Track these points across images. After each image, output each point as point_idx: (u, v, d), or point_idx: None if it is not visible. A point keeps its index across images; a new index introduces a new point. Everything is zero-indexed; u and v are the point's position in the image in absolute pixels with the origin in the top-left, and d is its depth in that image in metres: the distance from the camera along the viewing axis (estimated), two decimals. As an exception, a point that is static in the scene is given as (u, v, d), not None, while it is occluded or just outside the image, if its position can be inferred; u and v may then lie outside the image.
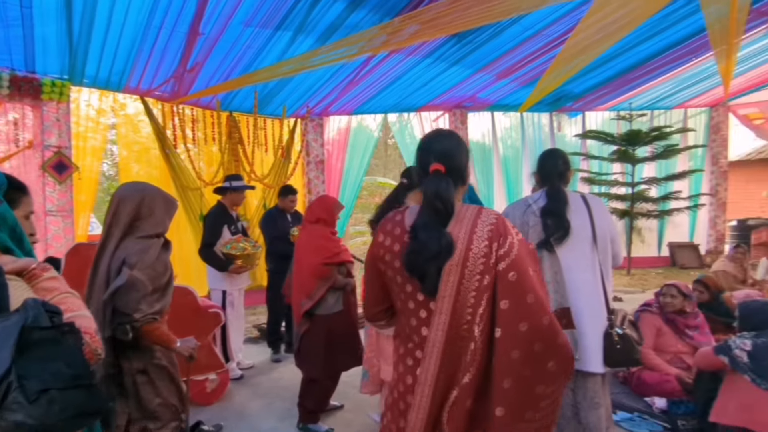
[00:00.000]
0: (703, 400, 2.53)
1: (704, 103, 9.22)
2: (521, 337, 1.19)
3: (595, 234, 2.04)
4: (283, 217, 4.24)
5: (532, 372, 1.20)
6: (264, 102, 6.74)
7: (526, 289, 1.21)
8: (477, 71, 6.96)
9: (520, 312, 1.20)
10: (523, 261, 1.25)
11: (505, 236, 1.26)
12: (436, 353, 1.25)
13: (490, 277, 1.23)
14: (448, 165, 1.34)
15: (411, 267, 1.28)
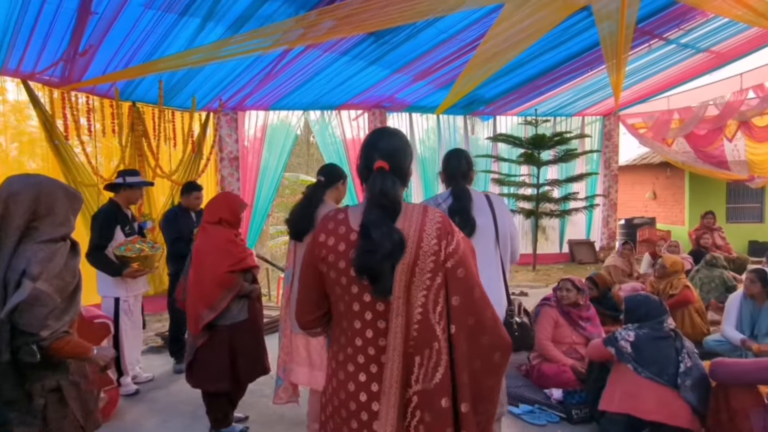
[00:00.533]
0: (594, 389, 2.73)
1: (599, 112, 10.11)
2: (469, 330, 1.22)
3: (498, 231, 2.14)
4: (187, 216, 3.94)
5: (481, 365, 1.22)
6: (171, 93, 6.30)
7: (472, 285, 1.24)
8: (395, 72, 7.05)
9: (468, 307, 1.22)
10: (468, 257, 1.28)
11: (452, 234, 1.27)
12: (397, 357, 1.21)
13: (442, 275, 1.23)
14: (393, 163, 1.33)
15: (363, 267, 1.22)
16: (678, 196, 10.70)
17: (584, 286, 3.44)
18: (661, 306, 2.66)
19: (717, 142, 8.89)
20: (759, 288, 3.67)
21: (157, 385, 3.63)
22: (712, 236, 7.07)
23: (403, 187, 1.38)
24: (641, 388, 2.44)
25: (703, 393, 2.44)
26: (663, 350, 2.50)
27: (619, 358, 2.55)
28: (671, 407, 2.38)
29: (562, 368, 3.16)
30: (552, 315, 3.37)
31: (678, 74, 8.62)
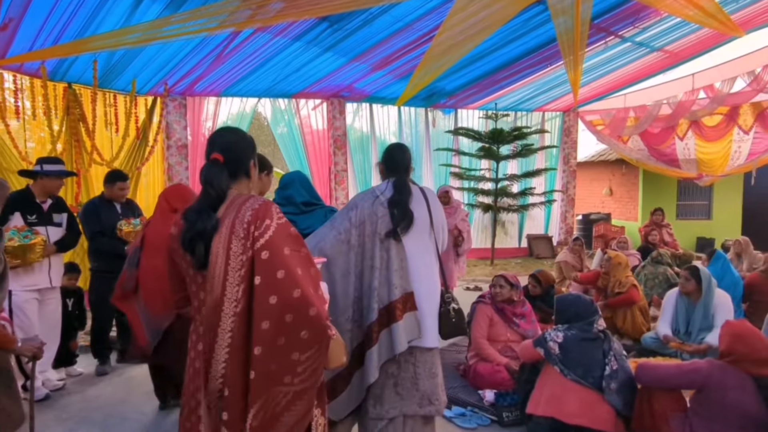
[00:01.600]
0: (524, 391, 2.67)
1: (558, 108, 10.19)
2: (271, 309, 1.31)
3: (432, 223, 2.22)
4: (109, 209, 3.66)
5: (286, 340, 1.32)
6: (111, 75, 5.93)
7: (276, 266, 1.33)
8: (352, 60, 6.86)
9: (269, 286, 1.32)
10: (278, 241, 1.37)
11: (263, 219, 1.38)
12: (212, 328, 1.38)
13: (247, 257, 1.36)
14: (227, 156, 1.48)
15: (184, 245, 1.42)
16: (632, 192, 10.94)
17: (518, 282, 3.38)
18: (592, 306, 2.60)
19: (669, 141, 9.10)
20: (693, 286, 3.71)
21: (73, 389, 3.36)
22: (661, 233, 7.22)
23: (246, 179, 1.55)
24: (566, 391, 2.39)
25: (629, 396, 2.40)
26: (590, 352, 2.45)
27: (547, 359, 2.49)
28: (595, 411, 2.34)
29: (497, 368, 3.10)
30: (487, 312, 3.30)
31: (634, 72, 8.75)
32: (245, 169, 1.54)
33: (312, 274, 1.42)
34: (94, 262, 3.65)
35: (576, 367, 2.41)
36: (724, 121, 8.58)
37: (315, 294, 1.37)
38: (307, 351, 1.34)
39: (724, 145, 8.67)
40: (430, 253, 2.22)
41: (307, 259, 1.42)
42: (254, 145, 1.60)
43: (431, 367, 2.17)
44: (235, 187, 1.50)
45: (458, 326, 2.19)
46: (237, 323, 1.35)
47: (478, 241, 10.03)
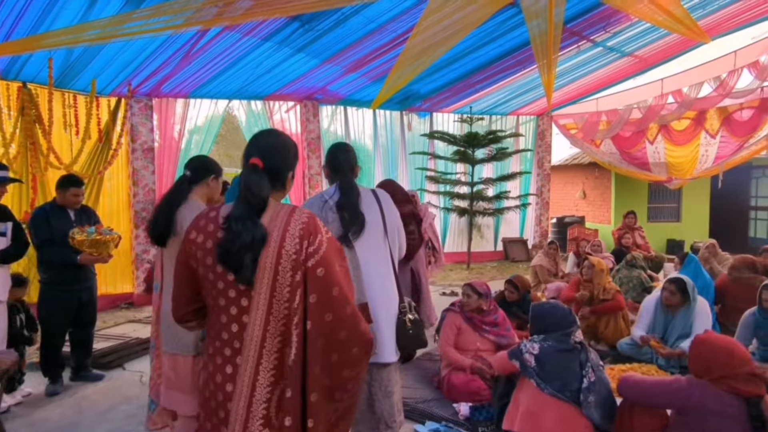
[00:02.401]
0: (500, 405, 2.55)
1: (533, 111, 10.24)
2: (327, 326, 1.28)
3: (386, 227, 2.09)
4: (62, 215, 3.39)
5: (339, 357, 1.30)
6: (70, 74, 5.64)
7: (331, 283, 1.30)
8: (324, 61, 6.71)
9: (326, 304, 1.29)
10: (331, 257, 1.33)
11: (315, 234, 1.32)
12: (254, 348, 1.30)
13: (301, 273, 1.29)
14: (267, 162, 1.38)
15: (225, 257, 1.30)
16: (605, 195, 11.09)
17: (487, 291, 3.27)
18: (570, 316, 2.51)
19: (640, 144, 9.23)
20: (679, 299, 3.66)
21: (18, 413, 3.07)
22: (633, 235, 7.29)
23: (281, 189, 1.44)
24: (543, 406, 2.29)
25: (608, 409, 2.32)
26: (567, 364, 2.36)
27: (522, 372, 2.39)
28: (572, 426, 2.25)
29: (471, 377, 2.99)
30: (455, 321, 3.20)
31: (606, 77, 8.86)
32: (283, 178, 1.43)
33: (352, 288, 1.41)
34: (43, 273, 3.40)
35: (553, 380, 2.31)
36: (692, 126, 8.75)
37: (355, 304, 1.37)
38: (357, 366, 1.33)
39: (692, 149, 8.84)
40: (385, 259, 2.08)
41: (347, 273, 1.40)
42: (296, 153, 1.49)
43: (387, 385, 2.04)
44: (273, 196, 1.39)
45: (416, 338, 2.06)
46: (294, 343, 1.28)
47: (454, 245, 9.99)
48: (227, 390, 1.30)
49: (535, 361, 2.35)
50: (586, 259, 4.38)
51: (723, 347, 1.96)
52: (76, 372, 3.63)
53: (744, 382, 1.87)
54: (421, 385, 3.33)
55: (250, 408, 1.28)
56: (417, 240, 3.63)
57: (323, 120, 8.58)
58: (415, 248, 3.61)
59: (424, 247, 5.00)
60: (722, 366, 1.90)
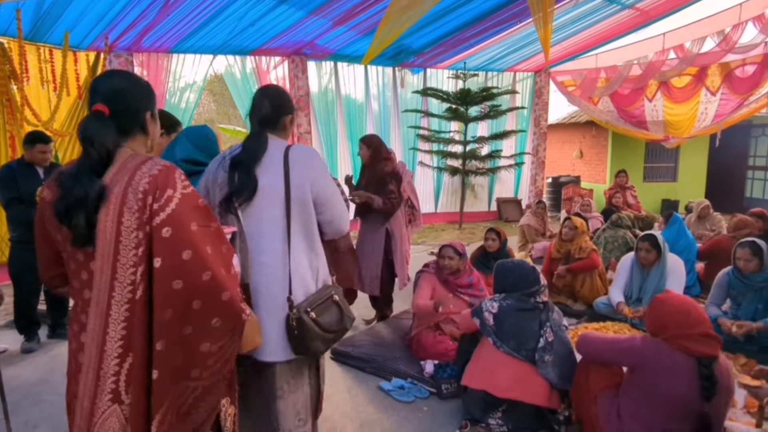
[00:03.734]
0: (462, 362, 2.56)
1: (530, 68, 9.93)
2: (176, 295, 1.14)
3: (289, 195, 1.66)
4: (30, 174, 3.32)
5: (194, 330, 1.17)
6: (42, 27, 5.42)
7: (181, 245, 1.15)
8: (310, 14, 6.44)
9: (174, 270, 1.14)
10: (183, 215, 1.17)
11: (163, 189, 1.17)
12: (100, 316, 1.18)
13: (144, 233, 1.15)
14: (115, 107, 1.23)
15: (60, 217, 1.19)
16: (602, 155, 10.92)
17: (464, 251, 3.23)
18: (533, 275, 2.48)
19: (638, 102, 9.00)
20: (655, 256, 3.64)
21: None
22: (624, 195, 7.21)
23: (140, 133, 1.30)
24: (498, 364, 2.29)
25: (566, 369, 2.32)
26: (525, 323, 2.35)
27: (481, 330, 2.38)
28: (527, 384, 2.26)
29: (439, 338, 3.00)
30: (431, 281, 3.17)
31: (605, 31, 8.52)
32: (139, 122, 1.28)
33: (224, 252, 1.24)
34: (12, 231, 3.38)
35: (509, 339, 2.31)
36: (693, 82, 8.48)
37: (227, 275, 1.22)
38: (220, 340, 1.20)
39: (691, 107, 8.62)
40: (280, 236, 1.66)
41: (217, 235, 1.24)
42: (151, 91, 1.34)
43: (272, 389, 1.70)
44: (127, 145, 1.25)
45: (300, 342, 1.63)
46: (135, 312, 1.15)
47: (447, 205, 9.93)
48: (79, 360, 1.20)
49: (494, 319, 2.34)
50: (568, 219, 4.33)
51: (680, 307, 1.93)
52: (53, 329, 3.68)
53: (697, 343, 1.85)
54: (392, 343, 3.37)
55: (98, 381, 1.16)
56: (396, 199, 3.57)
57: (312, 77, 8.33)
58: (394, 208, 3.55)
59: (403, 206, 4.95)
60: (677, 326, 1.89)
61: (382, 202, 3.48)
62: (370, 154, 3.63)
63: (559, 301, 4.27)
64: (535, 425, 2.30)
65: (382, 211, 3.52)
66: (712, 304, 3.44)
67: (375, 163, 3.62)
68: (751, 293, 3.24)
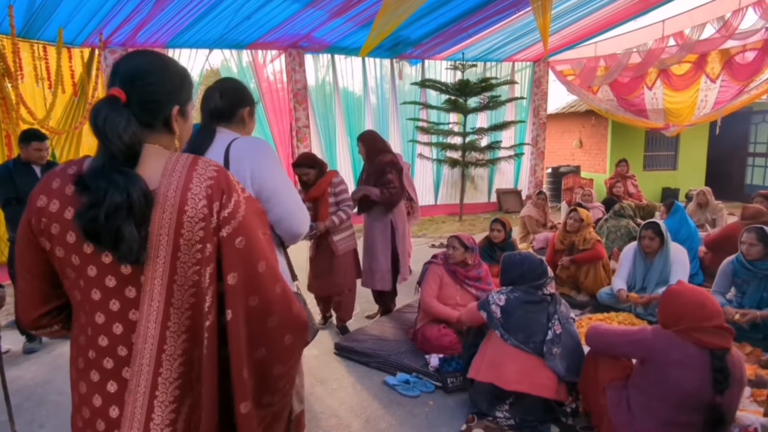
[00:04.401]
0: (468, 355, 2.54)
1: (529, 57, 9.85)
2: (252, 313, 0.98)
3: None
4: (27, 172, 3.27)
5: (267, 352, 1.01)
6: (35, 23, 5.35)
7: (256, 256, 0.99)
8: (306, 6, 6.36)
9: (250, 284, 0.98)
10: (252, 222, 1.01)
11: (229, 192, 0.98)
12: (149, 354, 0.94)
13: (213, 246, 0.96)
14: (134, 93, 0.99)
15: (94, 229, 0.91)
16: (602, 144, 10.87)
17: (474, 245, 3.21)
18: (540, 267, 2.46)
19: (638, 91, 8.94)
20: (658, 243, 3.63)
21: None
22: (625, 184, 7.18)
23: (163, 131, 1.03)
24: (505, 357, 2.28)
25: (574, 361, 2.31)
26: (533, 316, 2.33)
27: (488, 323, 2.37)
28: (535, 377, 2.25)
29: (444, 331, 2.98)
30: (438, 273, 3.15)
31: (604, 19, 8.44)
32: (162, 115, 1.02)
33: (277, 261, 1.08)
34: (11, 231, 3.35)
35: (517, 332, 2.29)
36: (692, 70, 8.43)
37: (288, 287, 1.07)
38: (290, 359, 1.06)
39: (691, 95, 8.57)
40: None
41: (272, 243, 1.09)
42: (185, 81, 1.08)
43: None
44: (151, 141, 1.01)
45: None
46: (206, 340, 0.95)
47: (447, 197, 9.90)
48: (111, 416, 0.95)
49: (501, 312, 2.32)
50: (574, 211, 4.30)
51: (695, 299, 1.91)
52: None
53: (711, 335, 1.83)
54: (396, 337, 3.35)
55: None
56: (396, 189, 3.54)
57: (310, 69, 8.26)
58: (393, 197, 3.52)
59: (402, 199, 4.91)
60: (692, 318, 1.86)
61: (380, 192, 3.47)
62: (366, 150, 3.64)
63: (563, 292, 4.25)
64: (543, 417, 2.29)
65: (382, 202, 3.51)
66: (716, 292, 3.43)
67: (373, 157, 3.60)
68: (756, 281, 3.22)
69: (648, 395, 1.92)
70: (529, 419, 2.28)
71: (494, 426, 2.31)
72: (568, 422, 2.34)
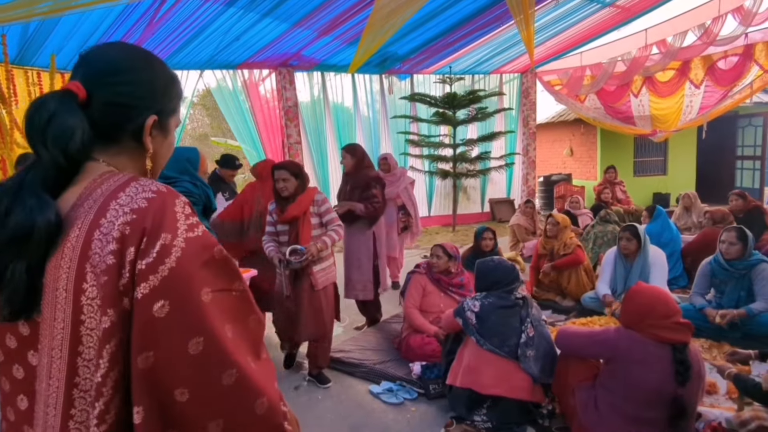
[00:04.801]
0: (447, 362, 2.60)
1: (516, 69, 10.03)
2: (182, 411, 0.68)
3: None
4: None
5: None
6: (29, 51, 5.51)
7: (187, 332, 0.67)
8: (294, 25, 6.53)
9: (175, 373, 0.67)
10: (188, 277, 0.68)
11: (155, 233, 0.68)
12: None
13: (116, 314, 0.66)
14: (101, 93, 0.76)
15: None
16: (591, 152, 11.00)
17: (457, 254, 3.29)
18: (513, 272, 2.53)
19: (624, 98, 9.09)
20: (635, 245, 3.71)
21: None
22: (614, 190, 7.28)
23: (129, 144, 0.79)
24: (482, 362, 2.34)
25: (548, 363, 2.36)
26: (506, 320, 2.39)
27: (464, 329, 2.43)
28: (510, 380, 2.30)
29: (427, 340, 3.05)
30: (421, 282, 3.22)
31: (588, 30, 8.62)
32: (132, 125, 0.79)
33: (251, 328, 0.76)
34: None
35: (491, 337, 2.35)
36: (677, 76, 8.59)
37: (259, 366, 0.74)
38: None
39: (676, 100, 8.71)
40: None
41: (243, 303, 0.76)
42: (168, 84, 0.84)
43: None
44: (105, 158, 0.77)
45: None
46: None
47: (440, 208, 9.99)
48: None
49: (476, 318, 2.38)
50: (550, 216, 4.39)
51: (653, 298, 1.98)
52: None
53: (670, 331, 1.90)
54: (381, 347, 3.41)
55: None
56: (379, 204, 3.62)
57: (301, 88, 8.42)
58: (377, 212, 3.60)
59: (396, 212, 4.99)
60: (652, 316, 1.94)
61: (364, 207, 3.54)
62: (354, 163, 3.70)
63: (548, 298, 4.32)
64: (519, 419, 2.34)
65: (366, 217, 3.58)
66: (696, 293, 3.49)
67: (358, 170, 3.68)
68: (733, 281, 3.29)
69: (614, 394, 1.98)
70: (506, 422, 2.33)
71: (472, 429, 2.36)
72: (545, 424, 2.38)
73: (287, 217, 2.88)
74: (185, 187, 2.12)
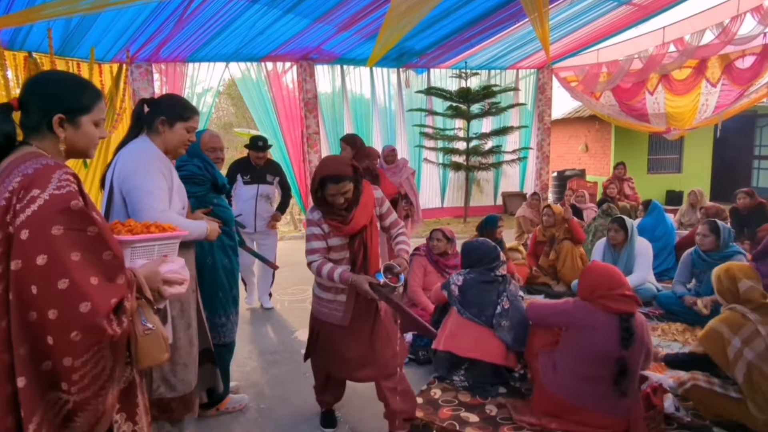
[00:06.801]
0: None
1: (533, 65, 10.16)
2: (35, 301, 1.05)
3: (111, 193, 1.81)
4: None
5: (55, 342, 1.05)
6: (71, 43, 5.97)
7: (37, 250, 1.05)
8: (315, 21, 6.84)
9: (29, 275, 1.05)
10: (44, 218, 1.06)
11: (29, 188, 1.08)
12: None
13: (3, 235, 1.07)
14: (26, 101, 1.23)
15: None
16: (606, 148, 11.07)
17: (453, 237, 3.60)
18: (494, 252, 2.84)
19: (639, 96, 9.15)
20: (623, 236, 3.95)
21: None
22: (622, 186, 7.42)
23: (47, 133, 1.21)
24: (461, 329, 2.65)
25: (520, 333, 2.66)
26: (485, 294, 2.70)
27: (449, 300, 2.74)
28: (486, 346, 2.61)
29: (421, 313, 3.36)
30: (422, 263, 3.54)
31: (605, 27, 8.70)
32: (46, 121, 1.21)
33: (105, 259, 1.11)
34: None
35: (471, 307, 2.66)
36: (693, 75, 8.61)
37: (102, 284, 1.09)
38: (82, 355, 1.06)
39: (692, 99, 8.74)
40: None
41: (97, 240, 1.11)
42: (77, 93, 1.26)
43: None
44: (36, 143, 1.22)
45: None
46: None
47: (453, 200, 10.26)
48: None
49: (459, 290, 2.70)
50: (547, 207, 4.64)
51: (603, 273, 2.29)
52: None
53: (617, 302, 2.20)
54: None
55: None
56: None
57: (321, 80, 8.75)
58: None
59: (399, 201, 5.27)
60: (601, 288, 2.23)
61: None
62: (353, 155, 3.95)
63: (543, 282, 4.59)
64: (493, 381, 2.66)
65: None
66: (678, 282, 3.72)
67: (358, 161, 3.97)
68: (711, 271, 3.50)
69: (569, 356, 2.27)
70: (481, 381, 2.65)
71: (450, 387, 2.68)
72: (516, 385, 2.69)
73: (356, 227, 2.10)
74: (189, 170, 2.36)
